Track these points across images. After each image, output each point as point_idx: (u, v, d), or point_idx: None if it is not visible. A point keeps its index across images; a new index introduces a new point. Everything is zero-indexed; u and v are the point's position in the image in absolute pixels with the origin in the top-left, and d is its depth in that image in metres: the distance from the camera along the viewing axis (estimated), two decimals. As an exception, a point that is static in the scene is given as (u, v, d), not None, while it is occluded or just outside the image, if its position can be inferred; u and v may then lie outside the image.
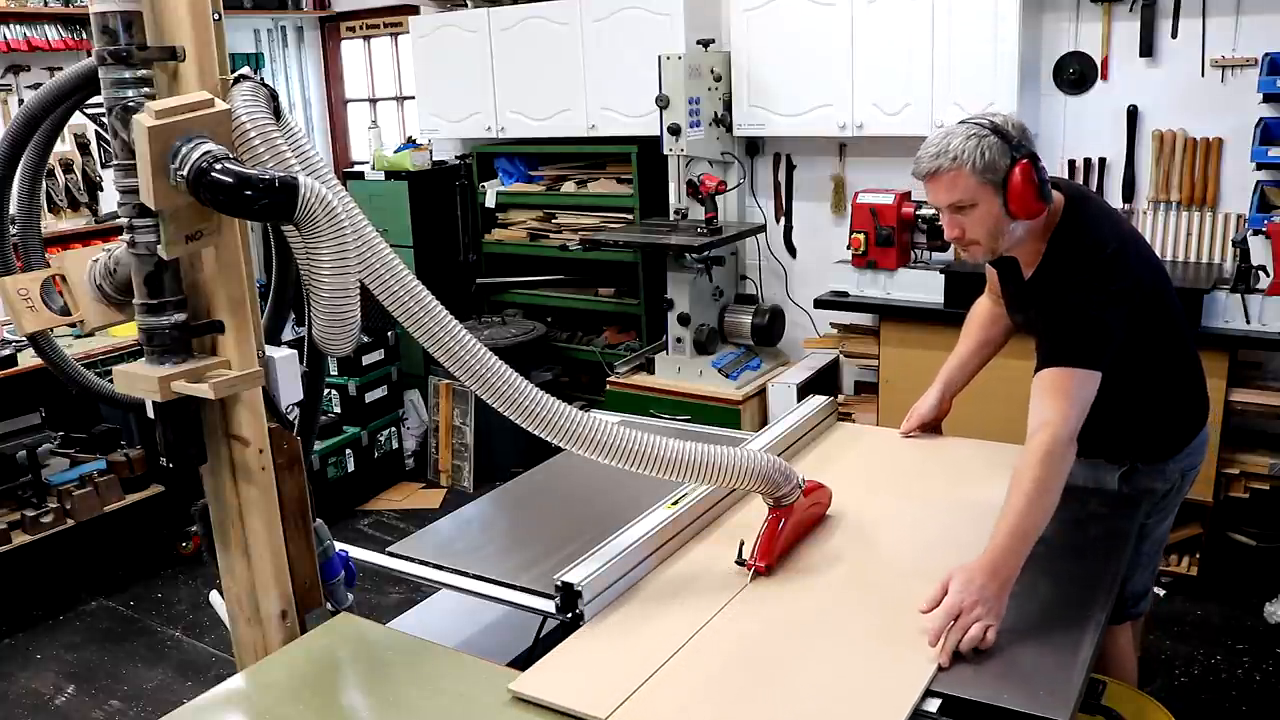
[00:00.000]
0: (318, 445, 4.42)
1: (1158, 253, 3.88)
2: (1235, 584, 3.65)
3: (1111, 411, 1.98)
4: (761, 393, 4.32)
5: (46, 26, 4.80)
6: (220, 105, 1.40)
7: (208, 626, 3.80)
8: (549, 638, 1.85)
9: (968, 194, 1.91)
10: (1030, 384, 1.97)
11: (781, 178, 4.67)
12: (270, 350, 1.65)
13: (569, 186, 5.05)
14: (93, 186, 5.13)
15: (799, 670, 1.55)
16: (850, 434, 2.55)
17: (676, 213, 4.35)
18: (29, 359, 3.76)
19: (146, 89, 1.43)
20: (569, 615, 1.69)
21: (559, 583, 1.70)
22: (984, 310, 2.47)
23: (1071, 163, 4.00)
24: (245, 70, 1.50)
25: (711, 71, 4.30)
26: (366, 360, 4.89)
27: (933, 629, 1.60)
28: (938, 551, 1.89)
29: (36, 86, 4.37)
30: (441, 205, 5.33)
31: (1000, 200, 1.91)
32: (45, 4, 4.79)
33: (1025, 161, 1.90)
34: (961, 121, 1.96)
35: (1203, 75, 3.69)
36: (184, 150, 1.34)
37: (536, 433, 1.60)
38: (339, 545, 1.83)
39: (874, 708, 1.45)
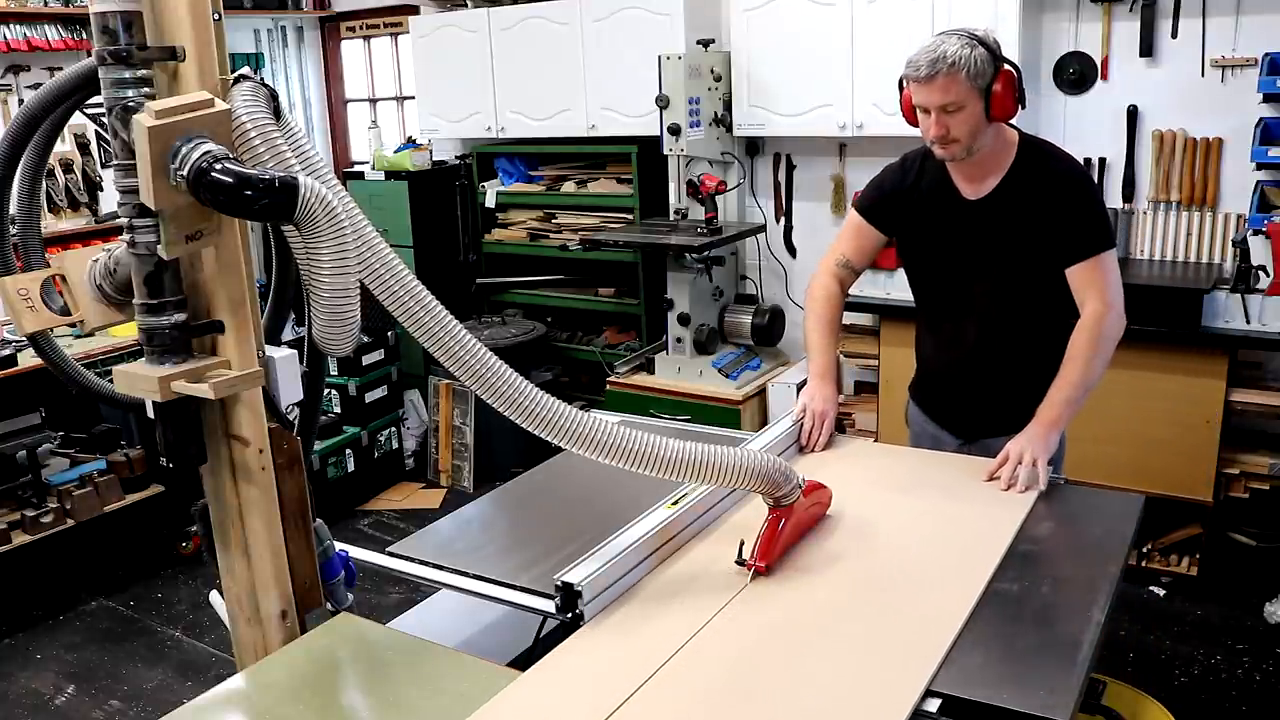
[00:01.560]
0: (318, 445, 4.42)
1: (1158, 253, 3.91)
2: (1235, 584, 3.65)
3: (1043, 374, 2.23)
4: (761, 393, 4.32)
5: (46, 26, 4.80)
6: (220, 105, 1.40)
7: (208, 626, 3.80)
8: (549, 638, 1.85)
9: (959, 97, 2.12)
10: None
11: (781, 178, 4.67)
12: (270, 350, 1.65)
13: (569, 186, 5.05)
14: (93, 186, 5.13)
15: (799, 670, 1.55)
16: (850, 448, 2.48)
17: (676, 213, 4.35)
18: (29, 359, 3.76)
19: (146, 89, 1.43)
20: (569, 615, 1.69)
21: (559, 583, 1.70)
22: (829, 293, 2.50)
23: (1071, 163, 4.00)
24: (245, 70, 1.50)
25: (711, 71, 4.30)
26: (366, 360, 4.89)
27: (1004, 476, 2.12)
28: (937, 551, 1.89)
29: (36, 86, 4.37)
30: (441, 205, 5.33)
31: (983, 104, 2.14)
32: (45, 4, 4.79)
33: (1008, 70, 2.14)
34: (949, 32, 2.17)
35: (1203, 75, 3.69)
36: (184, 150, 1.34)
37: (536, 433, 1.60)
38: (339, 545, 1.83)
39: (874, 708, 1.45)
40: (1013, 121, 2.25)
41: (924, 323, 2.56)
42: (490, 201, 5.30)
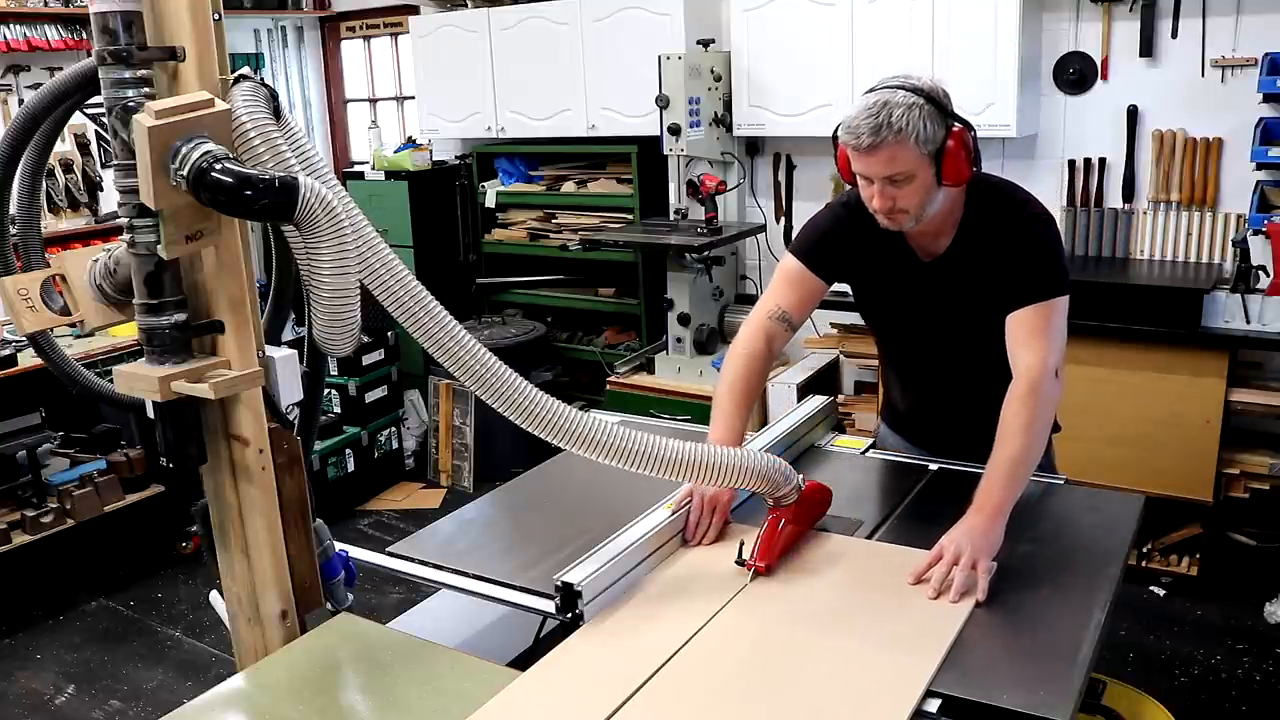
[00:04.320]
0: (318, 445, 4.42)
1: (1158, 253, 3.91)
2: (1235, 584, 3.65)
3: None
4: (762, 392, 4.32)
5: (46, 26, 4.80)
6: (220, 105, 1.40)
7: (208, 626, 3.80)
8: (549, 638, 1.84)
9: (907, 166, 1.86)
10: None
11: (781, 178, 4.67)
12: (270, 350, 1.65)
13: (569, 186, 5.05)
14: (93, 186, 5.14)
15: (799, 670, 1.55)
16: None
17: (676, 213, 4.36)
18: (29, 359, 3.76)
19: (146, 89, 1.43)
20: (569, 615, 1.69)
21: (559, 583, 1.70)
22: (752, 354, 2.11)
23: (1071, 163, 4.00)
24: (245, 70, 1.50)
25: (711, 71, 4.30)
26: (366, 360, 4.89)
27: (935, 580, 1.71)
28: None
29: (36, 86, 4.38)
30: (441, 205, 5.33)
31: (934, 170, 1.88)
32: (45, 4, 4.79)
33: (960, 129, 1.89)
34: (889, 86, 1.88)
35: (1203, 75, 3.69)
36: (184, 150, 1.34)
37: (536, 433, 1.60)
38: (339, 545, 1.83)
39: (875, 708, 1.45)
40: None
41: (888, 365, 2.39)
42: (490, 201, 5.30)
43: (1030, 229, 1.99)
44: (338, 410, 4.88)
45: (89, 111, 4.74)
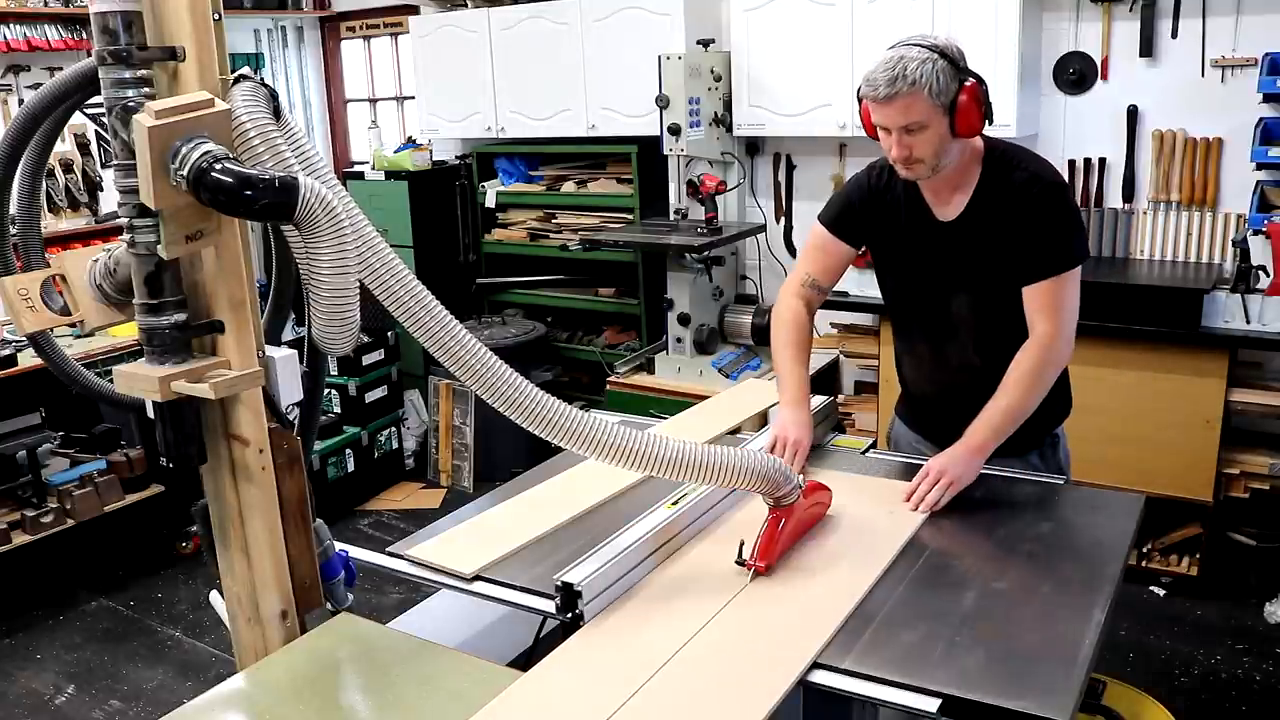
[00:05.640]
0: (318, 445, 4.42)
1: (1158, 253, 3.91)
2: (1235, 584, 3.65)
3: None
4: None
5: (46, 26, 4.81)
6: (220, 105, 1.40)
7: (208, 626, 3.80)
8: (549, 638, 1.85)
9: (921, 116, 1.99)
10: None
11: (781, 178, 4.67)
12: (270, 350, 1.65)
13: (569, 186, 5.05)
14: (93, 186, 5.14)
15: (800, 671, 1.55)
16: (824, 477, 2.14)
17: (676, 213, 4.36)
18: (29, 359, 3.76)
19: (146, 89, 1.43)
20: (569, 615, 1.69)
21: (559, 583, 1.70)
22: (796, 315, 2.36)
23: (1071, 163, 4.00)
24: (245, 70, 1.50)
25: (711, 71, 4.30)
26: (366, 360, 4.90)
27: (918, 495, 2.01)
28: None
29: (36, 86, 4.38)
30: (441, 205, 5.33)
31: (948, 121, 2.01)
32: (45, 4, 4.79)
33: (973, 83, 2.02)
34: (906, 44, 2.02)
35: (1203, 75, 3.69)
36: (184, 150, 1.34)
37: (536, 433, 1.60)
38: (339, 545, 1.83)
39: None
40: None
41: (902, 343, 2.47)
42: (490, 201, 5.30)
43: (1044, 200, 2.09)
44: (338, 410, 4.88)
45: (89, 111, 4.74)
